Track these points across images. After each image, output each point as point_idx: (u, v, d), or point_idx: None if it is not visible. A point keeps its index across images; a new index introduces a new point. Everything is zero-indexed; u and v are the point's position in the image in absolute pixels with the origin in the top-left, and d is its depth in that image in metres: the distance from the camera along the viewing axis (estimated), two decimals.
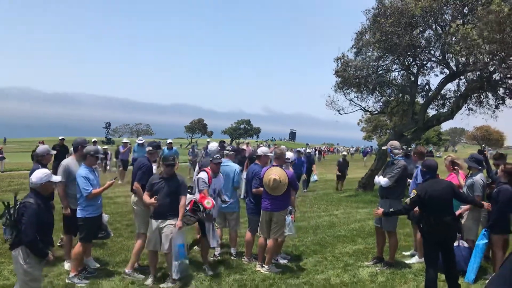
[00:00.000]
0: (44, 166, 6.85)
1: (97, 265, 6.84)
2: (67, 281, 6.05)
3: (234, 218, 7.59)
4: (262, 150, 7.83)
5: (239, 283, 6.22)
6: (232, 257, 7.47)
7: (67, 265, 6.66)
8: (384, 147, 7.51)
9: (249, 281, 6.34)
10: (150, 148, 7.06)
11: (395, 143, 7.46)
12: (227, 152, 7.92)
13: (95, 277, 6.26)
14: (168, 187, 6.16)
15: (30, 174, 6.79)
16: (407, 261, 7.62)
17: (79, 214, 6.13)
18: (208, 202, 6.47)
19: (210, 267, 6.74)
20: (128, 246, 7.91)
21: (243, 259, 7.34)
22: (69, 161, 6.69)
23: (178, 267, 6.05)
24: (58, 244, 7.89)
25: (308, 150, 17.79)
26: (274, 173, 6.74)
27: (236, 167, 7.56)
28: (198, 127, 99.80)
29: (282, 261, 7.37)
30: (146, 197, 6.25)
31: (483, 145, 77.09)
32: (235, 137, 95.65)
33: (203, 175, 6.78)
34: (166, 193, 6.15)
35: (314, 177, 17.59)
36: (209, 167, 7.04)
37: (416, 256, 7.77)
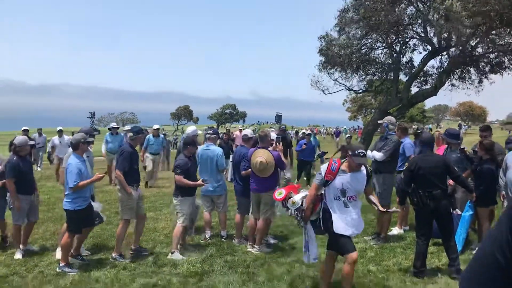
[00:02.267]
0: (22, 157, 6.74)
1: (88, 253, 6.82)
2: (57, 270, 6.03)
3: (221, 201, 7.60)
4: (249, 132, 7.84)
5: (231, 264, 6.26)
6: (222, 239, 7.50)
7: (58, 254, 6.64)
8: (380, 121, 7.58)
9: (240, 261, 6.39)
10: (131, 134, 6.99)
11: (392, 119, 7.60)
12: (209, 135, 7.86)
13: (86, 265, 6.25)
14: (195, 166, 7.05)
15: (3, 164, 6.75)
16: (389, 233, 7.78)
17: (67, 206, 6.06)
18: (280, 193, 5.31)
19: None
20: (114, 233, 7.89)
21: (233, 241, 7.39)
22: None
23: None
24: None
25: (308, 132, 16.40)
26: (261, 156, 6.76)
27: (219, 150, 7.52)
28: (184, 114, 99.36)
29: (273, 241, 7.43)
30: (182, 179, 6.68)
31: (467, 122, 78.08)
32: (221, 122, 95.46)
33: (323, 167, 5.00)
34: (194, 171, 7.02)
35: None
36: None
37: (397, 227, 7.96)
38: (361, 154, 4.81)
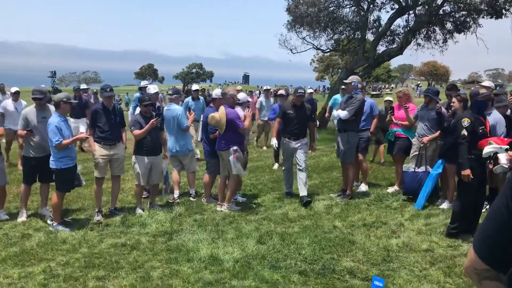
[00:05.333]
0: None
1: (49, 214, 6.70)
2: (51, 229, 6.06)
3: (187, 161, 7.58)
4: (216, 93, 7.74)
5: (200, 223, 6.30)
6: (191, 199, 7.53)
7: (21, 217, 6.49)
8: (347, 81, 7.55)
9: (209, 220, 6.44)
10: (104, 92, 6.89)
11: (358, 78, 7.67)
12: (170, 96, 7.79)
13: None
14: (156, 126, 6.76)
15: None
16: (357, 190, 8.00)
17: (53, 165, 6.03)
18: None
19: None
20: (84, 195, 7.80)
21: (202, 200, 7.42)
22: (28, 110, 6.57)
23: (168, 188, 7.56)
24: None
25: (281, 92, 11.16)
26: (216, 112, 6.82)
27: (178, 110, 7.42)
28: (149, 73, 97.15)
29: (241, 199, 7.50)
30: (137, 132, 6.67)
31: (430, 81, 79.63)
32: (187, 81, 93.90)
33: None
34: (156, 131, 6.84)
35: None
36: None
37: (363, 184, 8.17)
38: None
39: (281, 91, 10.99)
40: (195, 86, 12.06)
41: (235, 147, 6.82)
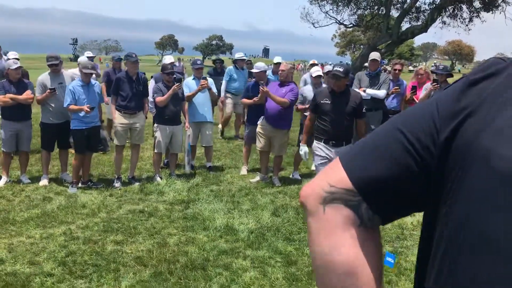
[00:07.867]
0: (10, 81, 6.54)
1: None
2: (69, 191, 6.28)
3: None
4: (257, 66, 7.68)
5: (216, 193, 6.40)
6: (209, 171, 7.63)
7: (43, 181, 6.64)
8: (378, 58, 7.44)
9: (225, 191, 6.53)
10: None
11: (378, 54, 7.67)
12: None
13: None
14: (175, 95, 6.73)
15: None
16: None
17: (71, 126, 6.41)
18: None
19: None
20: (104, 161, 7.93)
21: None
22: (44, 76, 6.68)
23: (191, 160, 7.49)
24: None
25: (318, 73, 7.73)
26: None
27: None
28: (169, 43, 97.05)
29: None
30: (160, 99, 6.69)
31: (454, 61, 77.88)
32: (207, 53, 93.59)
33: None
34: (177, 100, 6.85)
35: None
36: None
37: None
38: None
39: (318, 71, 7.36)
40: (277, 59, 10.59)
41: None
